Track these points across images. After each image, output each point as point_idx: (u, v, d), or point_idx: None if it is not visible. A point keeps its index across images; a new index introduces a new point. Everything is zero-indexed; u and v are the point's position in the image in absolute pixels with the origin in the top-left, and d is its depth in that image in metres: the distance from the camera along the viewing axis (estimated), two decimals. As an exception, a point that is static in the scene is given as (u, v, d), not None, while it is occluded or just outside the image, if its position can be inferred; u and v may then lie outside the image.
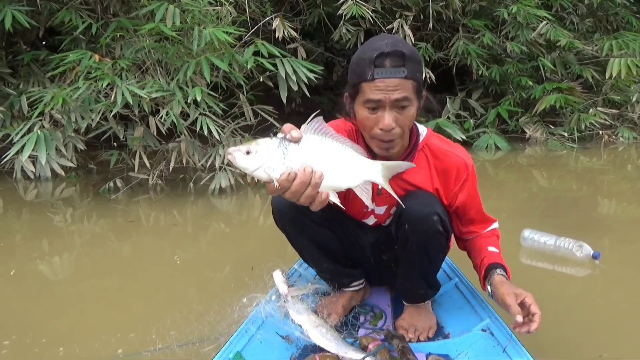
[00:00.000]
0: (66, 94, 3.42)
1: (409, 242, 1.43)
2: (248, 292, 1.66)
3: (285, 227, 1.59)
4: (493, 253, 1.50)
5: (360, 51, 1.32)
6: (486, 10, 5.54)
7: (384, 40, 1.29)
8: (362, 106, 1.31)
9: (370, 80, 1.26)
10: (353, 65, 1.32)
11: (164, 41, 3.62)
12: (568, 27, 5.67)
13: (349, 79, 1.34)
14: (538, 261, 2.39)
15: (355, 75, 1.30)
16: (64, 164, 3.91)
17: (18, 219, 3.32)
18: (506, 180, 4.28)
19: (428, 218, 1.39)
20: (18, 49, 4.62)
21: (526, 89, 5.33)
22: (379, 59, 1.25)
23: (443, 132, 5.08)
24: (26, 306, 2.08)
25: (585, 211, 3.27)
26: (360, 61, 1.29)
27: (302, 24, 5.53)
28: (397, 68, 1.26)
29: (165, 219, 3.26)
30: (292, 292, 1.64)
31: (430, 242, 1.43)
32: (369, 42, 1.33)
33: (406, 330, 1.59)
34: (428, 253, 1.46)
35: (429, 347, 1.53)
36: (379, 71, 1.25)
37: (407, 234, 1.42)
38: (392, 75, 1.26)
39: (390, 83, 1.26)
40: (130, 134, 3.94)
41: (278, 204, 1.53)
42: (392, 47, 1.26)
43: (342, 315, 1.65)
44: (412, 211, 1.38)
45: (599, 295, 2.11)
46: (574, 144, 5.08)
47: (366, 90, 1.28)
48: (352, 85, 1.32)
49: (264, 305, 1.60)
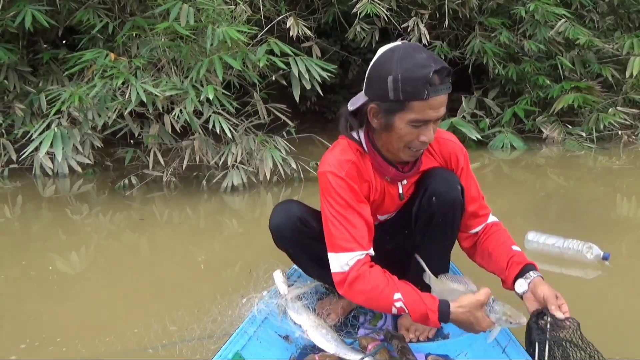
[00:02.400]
0: (83, 92, 3.49)
1: (435, 216, 1.50)
2: (248, 292, 1.68)
3: (287, 248, 1.64)
4: (521, 253, 1.52)
5: (403, 68, 1.27)
6: (503, 8, 5.46)
7: (420, 53, 1.29)
8: (407, 123, 1.32)
9: (424, 100, 1.27)
10: (398, 83, 1.27)
11: (178, 40, 3.66)
12: (588, 25, 5.54)
13: (391, 95, 1.29)
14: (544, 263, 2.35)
15: (404, 93, 1.27)
16: (81, 160, 3.99)
17: (36, 215, 3.40)
18: (522, 181, 4.22)
19: (454, 188, 1.48)
20: (39, 48, 4.72)
21: (543, 88, 5.24)
22: (433, 77, 1.25)
23: (458, 132, 5.04)
24: (38, 300, 2.14)
25: (602, 212, 3.20)
26: (411, 79, 1.26)
27: (317, 23, 5.53)
28: (445, 84, 1.30)
29: (179, 215, 3.30)
30: (292, 292, 1.65)
31: (455, 213, 1.51)
32: (408, 57, 1.28)
33: (407, 330, 1.60)
34: (452, 226, 1.54)
35: (429, 348, 1.55)
36: (433, 89, 1.26)
37: (433, 209, 1.49)
38: (442, 92, 1.29)
39: (441, 100, 1.30)
40: (146, 132, 4.00)
41: (277, 226, 1.57)
42: (438, 64, 1.27)
43: (342, 316, 1.67)
44: (439, 184, 1.47)
45: (611, 297, 2.08)
46: (592, 144, 4.98)
47: (418, 108, 1.29)
48: (396, 101, 1.29)
49: (263, 305, 1.62)
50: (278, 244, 1.62)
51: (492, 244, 1.56)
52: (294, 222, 1.55)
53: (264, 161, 3.68)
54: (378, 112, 1.36)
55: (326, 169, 1.42)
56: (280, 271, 1.73)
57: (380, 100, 1.34)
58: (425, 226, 1.52)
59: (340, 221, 1.39)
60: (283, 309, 1.64)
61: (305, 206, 1.62)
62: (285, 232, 1.56)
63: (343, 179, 1.40)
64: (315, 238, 1.53)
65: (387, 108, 1.33)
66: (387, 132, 1.37)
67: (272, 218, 1.59)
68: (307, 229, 1.55)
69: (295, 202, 1.62)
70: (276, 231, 1.58)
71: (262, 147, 3.78)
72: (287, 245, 1.61)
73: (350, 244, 1.38)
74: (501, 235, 1.58)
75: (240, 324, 1.60)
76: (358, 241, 1.38)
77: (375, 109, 1.37)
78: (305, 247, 1.59)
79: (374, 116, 1.38)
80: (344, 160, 1.42)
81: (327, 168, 1.42)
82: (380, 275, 1.37)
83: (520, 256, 1.49)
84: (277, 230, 1.58)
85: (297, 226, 1.55)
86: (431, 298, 1.34)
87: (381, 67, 1.32)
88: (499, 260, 1.52)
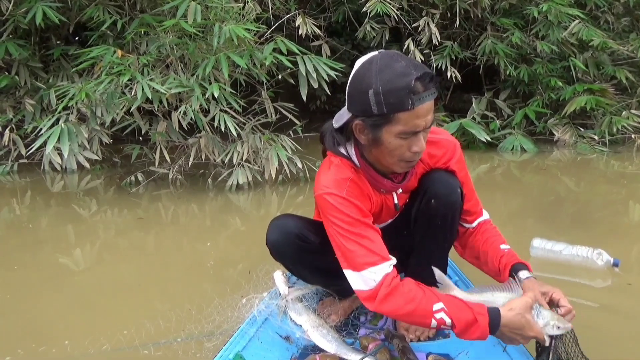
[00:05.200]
0: (90, 88, 3.50)
1: (434, 218, 1.48)
2: (248, 292, 1.67)
3: (287, 264, 1.61)
4: (509, 252, 1.48)
5: (383, 80, 1.21)
6: (516, 9, 5.40)
7: (399, 61, 1.22)
8: (395, 136, 1.25)
9: (410, 110, 1.20)
10: (380, 96, 1.21)
11: (185, 37, 3.66)
12: (602, 27, 5.46)
13: (375, 109, 1.23)
14: (551, 272, 2.30)
15: (387, 105, 1.21)
16: (89, 156, 4.01)
17: (45, 210, 3.42)
18: (532, 184, 4.17)
19: (454, 191, 1.46)
20: (51, 44, 4.76)
21: (556, 89, 5.17)
22: (416, 85, 1.19)
23: (467, 133, 5.00)
24: (44, 296, 2.15)
25: (614, 217, 3.15)
26: (393, 91, 1.20)
27: (327, 22, 5.51)
28: (429, 91, 1.22)
29: (184, 214, 3.30)
30: (293, 293, 1.64)
31: (455, 214, 1.49)
32: (386, 67, 1.22)
33: (407, 330, 1.59)
34: (451, 228, 1.52)
35: (430, 347, 1.54)
36: (417, 98, 1.20)
37: (432, 211, 1.47)
38: (428, 99, 1.22)
39: (427, 107, 1.23)
40: (154, 129, 4.01)
41: (274, 243, 1.54)
42: (419, 70, 1.21)
43: (343, 317, 1.66)
44: (439, 187, 1.46)
45: (622, 305, 2.03)
46: (604, 147, 4.90)
47: (404, 119, 1.22)
48: (380, 115, 1.23)
49: (264, 306, 1.61)
50: (276, 259, 1.59)
51: (481, 242, 1.54)
52: (292, 240, 1.51)
53: (269, 160, 3.67)
54: (364, 128, 1.29)
55: (324, 191, 1.34)
56: (281, 272, 1.72)
57: (364, 116, 1.26)
58: (424, 228, 1.51)
59: (353, 239, 1.32)
60: (283, 310, 1.63)
61: (302, 219, 1.58)
62: (283, 249, 1.53)
63: (345, 198, 1.33)
64: (315, 252, 1.49)
65: (372, 123, 1.26)
66: (377, 147, 1.30)
67: (268, 234, 1.54)
68: (306, 244, 1.51)
69: (290, 217, 1.57)
70: (274, 248, 1.55)
71: (269, 146, 3.77)
72: (287, 261, 1.59)
73: (372, 257, 1.31)
74: (490, 234, 1.54)
75: (241, 325, 1.59)
76: (379, 253, 1.32)
77: (360, 125, 1.30)
78: (305, 263, 1.57)
79: (361, 132, 1.31)
80: (342, 180, 1.36)
81: (325, 190, 1.34)
82: (414, 287, 1.29)
83: (509, 256, 1.46)
84: (275, 248, 1.55)
85: (295, 243, 1.51)
86: (478, 304, 1.26)
87: (360, 81, 1.26)
88: (488, 261, 1.49)
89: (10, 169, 4.20)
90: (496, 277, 1.49)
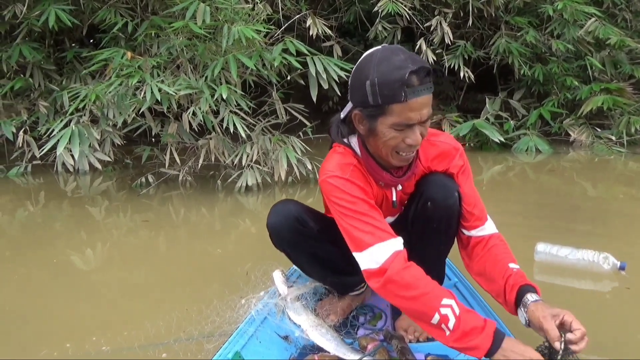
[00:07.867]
0: (100, 90, 3.53)
1: (430, 221, 1.46)
2: (247, 292, 1.66)
3: (285, 249, 1.60)
4: (517, 272, 1.38)
5: (380, 71, 1.23)
6: (530, 7, 5.33)
7: (398, 55, 1.25)
8: (389, 127, 1.27)
9: (403, 102, 1.22)
10: (375, 87, 1.24)
11: (194, 39, 3.67)
12: (620, 25, 5.36)
13: (370, 99, 1.26)
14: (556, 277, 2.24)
15: (382, 97, 1.23)
16: (101, 158, 4.05)
17: (58, 210, 3.46)
18: (547, 185, 4.08)
19: (451, 195, 1.44)
20: (65, 47, 4.82)
21: (571, 89, 5.08)
22: (410, 78, 1.20)
23: (481, 134, 4.93)
24: (53, 296, 2.17)
25: (632, 220, 3.07)
26: (387, 82, 1.22)
27: (339, 22, 5.49)
28: (425, 85, 1.24)
29: (194, 215, 3.30)
30: (292, 292, 1.62)
31: (451, 218, 1.46)
32: (385, 60, 1.25)
33: (405, 331, 1.58)
34: (448, 232, 1.49)
35: (428, 348, 1.53)
36: (411, 91, 1.21)
37: (428, 214, 1.45)
38: (422, 93, 1.23)
39: (422, 101, 1.24)
40: (166, 131, 4.03)
41: (274, 226, 1.54)
42: (417, 64, 1.22)
43: (342, 317, 1.65)
44: (436, 190, 1.44)
45: (631, 310, 1.97)
46: (622, 148, 4.80)
47: (398, 111, 1.24)
48: (376, 106, 1.26)
49: (261, 306, 1.60)
50: (276, 244, 1.60)
51: (488, 257, 1.45)
52: (291, 223, 1.51)
53: (279, 161, 3.66)
54: (362, 118, 1.32)
55: (328, 174, 1.36)
56: (280, 271, 1.71)
57: (362, 106, 1.30)
58: (421, 231, 1.49)
59: (359, 217, 1.32)
60: (282, 309, 1.62)
61: (304, 206, 1.58)
62: (282, 233, 1.53)
63: (348, 180, 1.35)
64: (313, 238, 1.50)
65: (368, 113, 1.29)
66: (373, 137, 1.33)
67: (269, 218, 1.55)
68: (305, 229, 1.52)
69: (292, 202, 1.58)
70: (274, 231, 1.55)
71: (278, 147, 3.76)
72: (285, 245, 1.58)
73: (379, 233, 1.30)
74: (500, 250, 1.45)
75: (240, 324, 1.58)
76: (386, 230, 1.31)
77: (359, 115, 1.33)
78: (304, 248, 1.56)
79: (359, 122, 1.35)
80: (345, 164, 1.38)
81: (328, 174, 1.36)
82: (424, 276, 1.27)
83: (517, 276, 1.37)
84: (275, 231, 1.55)
85: (294, 226, 1.51)
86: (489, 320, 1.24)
87: (360, 72, 1.29)
88: (495, 278, 1.40)
89: (24, 170, 4.26)
90: (498, 298, 1.40)
